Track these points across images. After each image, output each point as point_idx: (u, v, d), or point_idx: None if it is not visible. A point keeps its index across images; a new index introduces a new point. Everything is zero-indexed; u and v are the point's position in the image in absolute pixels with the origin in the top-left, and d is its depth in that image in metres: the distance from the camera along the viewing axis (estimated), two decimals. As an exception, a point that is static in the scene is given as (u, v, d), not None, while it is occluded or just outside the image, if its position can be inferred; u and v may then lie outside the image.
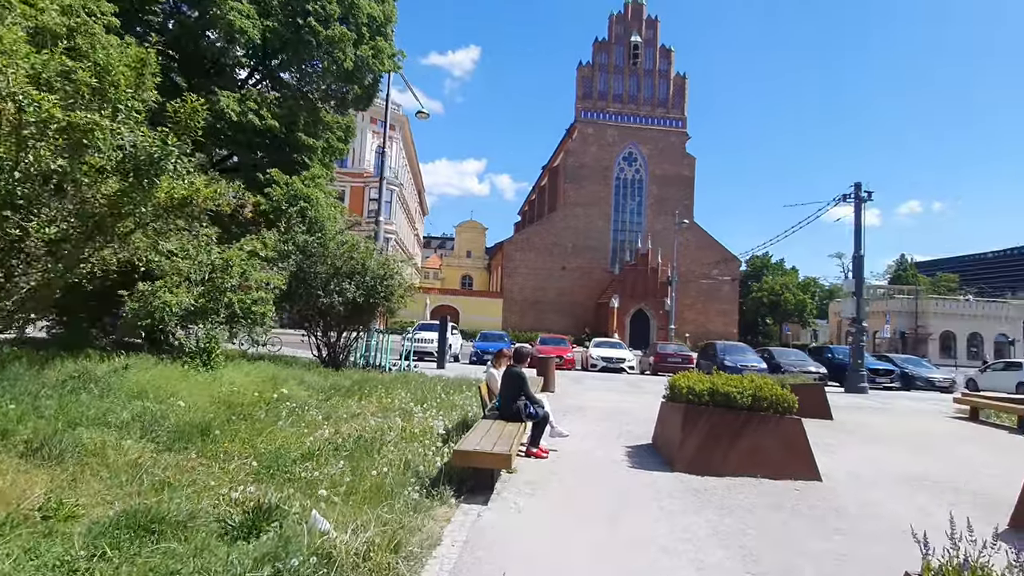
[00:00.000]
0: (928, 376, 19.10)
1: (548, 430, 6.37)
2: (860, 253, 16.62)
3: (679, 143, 53.46)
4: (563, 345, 20.60)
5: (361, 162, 44.66)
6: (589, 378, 15.98)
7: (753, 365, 18.68)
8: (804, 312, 70.75)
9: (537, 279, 50.51)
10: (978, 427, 10.32)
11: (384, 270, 11.27)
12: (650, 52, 53.84)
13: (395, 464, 4.81)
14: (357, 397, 8.27)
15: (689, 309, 50.30)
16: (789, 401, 5.69)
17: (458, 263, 68.30)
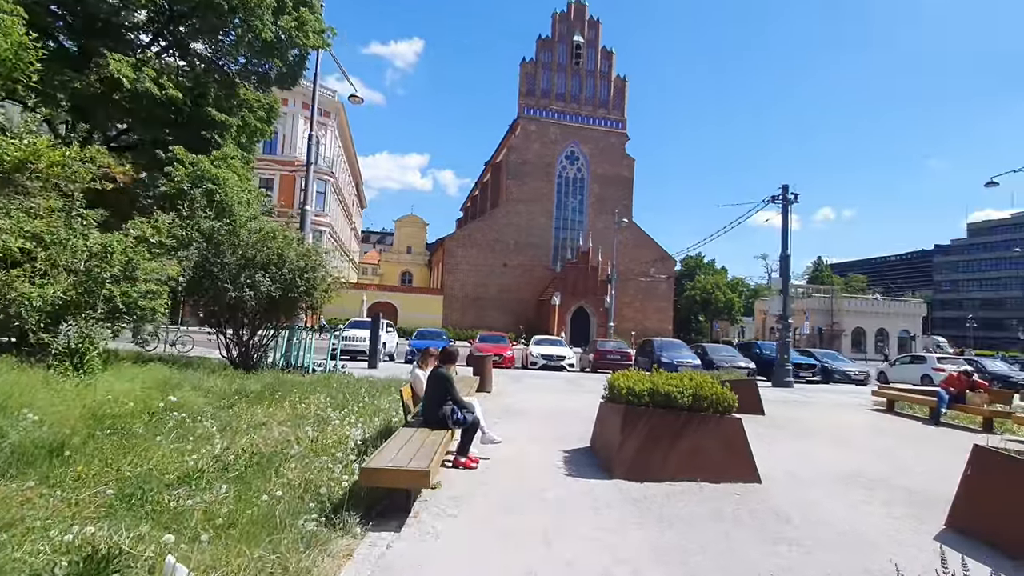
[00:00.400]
0: (845, 370, 20.10)
1: (479, 436, 5.84)
2: (787, 253, 17.17)
3: (619, 144, 54.35)
4: (503, 343, 20.16)
5: (293, 149, 42.42)
6: (529, 377, 15.60)
7: (688, 361, 18.99)
8: (732, 310, 74.15)
9: (479, 276, 49.91)
10: (895, 419, 10.70)
11: (306, 261, 10.33)
12: (592, 53, 54.38)
13: (294, 486, 4.13)
14: (266, 403, 7.42)
15: (628, 307, 51.30)
16: (729, 400, 5.44)
17: (397, 259, 66.57)
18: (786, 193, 17.07)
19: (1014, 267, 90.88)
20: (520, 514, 4.14)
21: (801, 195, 17.59)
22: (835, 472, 5.96)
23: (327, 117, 45.35)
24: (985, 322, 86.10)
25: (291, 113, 42.86)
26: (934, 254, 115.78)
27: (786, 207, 17.06)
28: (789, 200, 17.02)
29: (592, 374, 18.37)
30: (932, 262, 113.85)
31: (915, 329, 55.79)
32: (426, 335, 20.51)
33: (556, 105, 52.65)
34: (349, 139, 54.75)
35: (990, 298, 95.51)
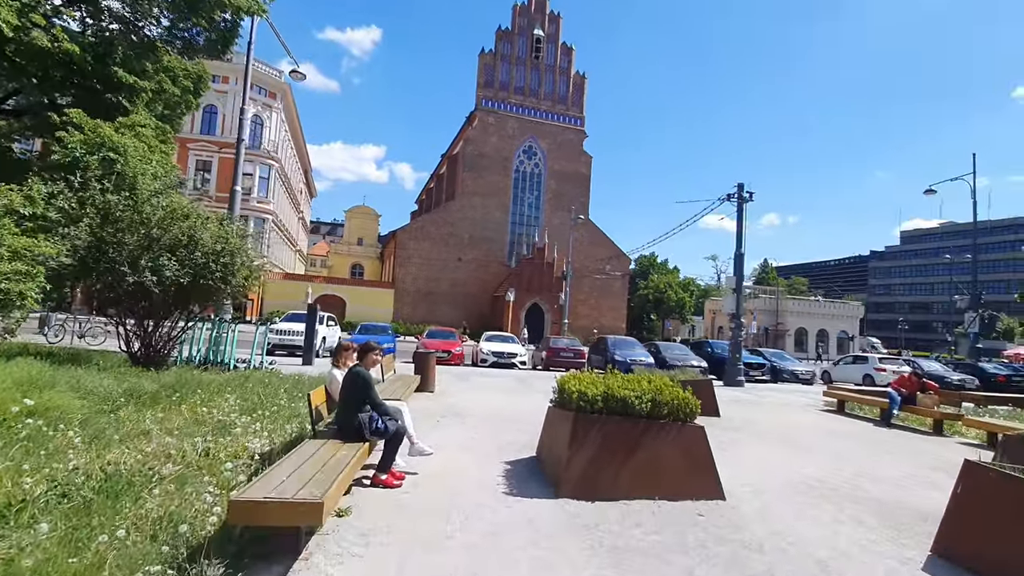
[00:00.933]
0: (792, 369, 20.31)
1: (406, 447, 5.00)
2: (741, 251, 17.06)
3: (577, 140, 54.20)
4: (451, 339, 19.26)
5: (234, 131, 39.79)
6: (477, 375, 14.79)
7: (642, 360, 18.64)
8: (684, 309, 75.79)
9: (431, 270, 48.66)
10: (846, 420, 10.53)
11: (223, 245, 9.14)
12: (552, 48, 53.94)
13: (150, 520, 3.18)
14: (160, 407, 6.33)
15: (583, 304, 51.27)
16: (691, 407, 4.81)
17: (348, 251, 64.27)
18: (741, 192, 16.94)
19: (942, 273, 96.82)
20: (443, 551, 3.34)
21: (755, 196, 17.50)
22: (799, 482, 5.46)
23: (272, 98, 43.01)
24: (914, 324, 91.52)
25: (233, 92, 40.33)
26: (869, 259, 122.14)
27: (741, 205, 16.93)
28: (744, 199, 16.89)
29: (544, 372, 17.75)
30: (868, 267, 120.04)
31: (853, 330, 58.37)
32: (370, 329, 19.37)
33: (515, 99, 51.94)
34: (297, 123, 52.27)
35: (919, 302, 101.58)
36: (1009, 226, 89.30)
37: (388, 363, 9.34)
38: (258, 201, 40.33)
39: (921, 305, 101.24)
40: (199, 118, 39.79)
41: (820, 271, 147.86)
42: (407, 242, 48.44)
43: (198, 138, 39.56)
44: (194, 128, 39.73)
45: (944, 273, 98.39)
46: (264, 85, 42.37)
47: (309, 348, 14.35)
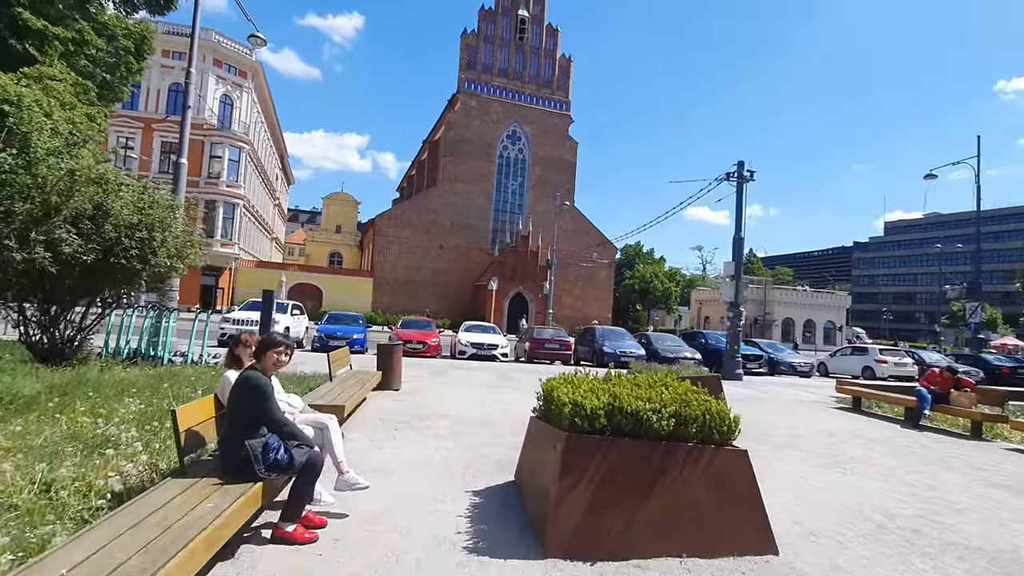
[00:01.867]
0: (790, 361, 19.25)
1: (329, 481, 3.58)
2: (740, 235, 15.84)
3: (563, 126, 52.68)
4: (428, 329, 17.80)
5: (201, 111, 37.59)
6: (454, 368, 13.37)
7: (632, 351, 17.43)
8: (670, 299, 75.08)
9: (412, 258, 46.99)
10: (869, 421, 9.33)
11: (141, 216, 7.57)
12: (537, 29, 52.18)
13: None
14: (35, 415, 4.86)
15: (568, 294, 50.06)
16: (728, 422, 3.45)
17: (326, 239, 62.18)
18: (741, 170, 15.68)
19: (926, 264, 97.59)
20: None
21: (755, 175, 16.23)
22: (861, 517, 4.16)
23: (243, 77, 40.74)
24: (898, 315, 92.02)
25: (200, 69, 37.92)
26: (853, 250, 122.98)
27: (741, 185, 15.68)
28: (744, 178, 15.64)
29: (527, 365, 16.39)
30: (851, 258, 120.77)
31: (839, 320, 58.09)
32: (339, 319, 17.79)
33: (498, 81, 50.19)
34: (271, 105, 49.97)
35: (903, 292, 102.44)
36: (996, 216, 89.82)
37: (342, 357, 7.90)
38: (228, 185, 38.22)
39: (904, 296, 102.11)
40: (164, 98, 37.45)
41: (804, 262, 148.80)
42: (386, 229, 46.66)
43: (163, 119, 37.25)
44: (159, 108, 37.45)
45: (928, 264, 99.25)
46: (234, 63, 40.10)
47: (265, 340, 12.79)
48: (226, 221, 38.54)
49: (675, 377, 4.33)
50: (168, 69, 36.84)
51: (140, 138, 36.59)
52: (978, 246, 21.88)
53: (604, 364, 17.17)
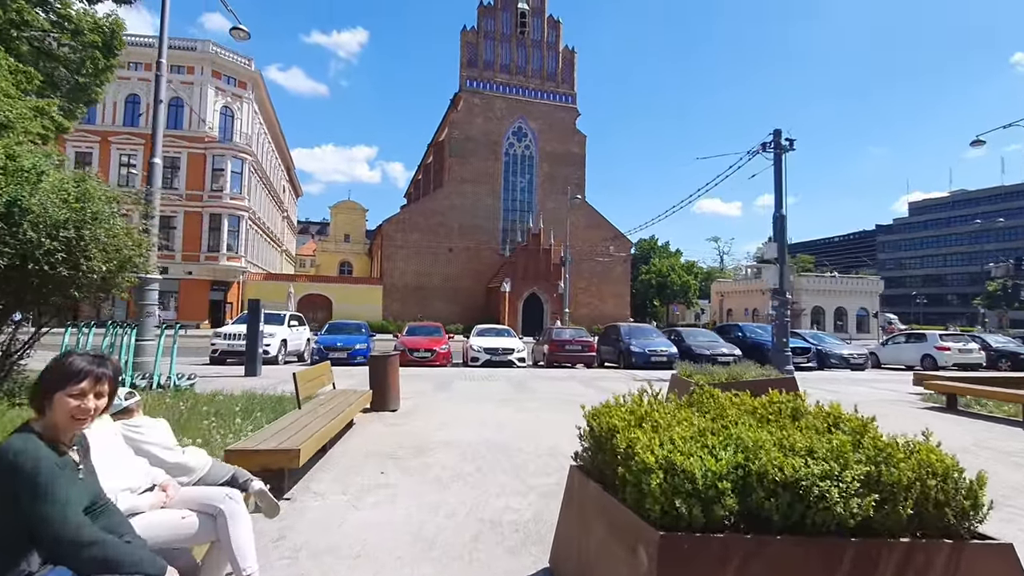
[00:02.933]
0: (841, 353, 17.32)
1: None
2: (782, 212, 14.02)
3: (569, 119, 51.00)
4: (436, 335, 16.22)
5: (202, 124, 36.65)
6: (463, 379, 11.74)
7: (663, 350, 15.72)
8: (689, 293, 72.80)
9: (421, 263, 45.59)
10: (984, 425, 7.50)
11: (69, 212, 6.09)
12: (538, 22, 50.63)
13: None
14: None
15: (583, 292, 48.31)
16: (967, 489, 1.78)
17: (335, 248, 61.14)
18: (779, 139, 13.89)
19: (956, 243, 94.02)
20: None
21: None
22: None
23: (243, 88, 39.71)
24: (929, 298, 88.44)
25: (199, 83, 37.11)
26: (876, 234, 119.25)
27: (779, 155, 13.89)
28: (783, 147, 13.84)
29: (547, 371, 14.72)
30: (875, 241, 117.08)
31: (873, 307, 55.45)
32: (341, 328, 16.26)
33: (501, 77, 48.70)
34: (274, 117, 49.02)
35: (932, 274, 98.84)
36: None
37: (319, 376, 6.31)
38: (231, 197, 37.14)
39: (934, 278, 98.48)
40: (121, 110, 36.37)
41: (825, 248, 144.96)
42: (394, 234, 45.33)
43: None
44: (116, 120, 36.44)
45: (957, 243, 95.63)
46: (232, 74, 39.07)
47: (252, 355, 11.32)
48: (231, 234, 37.45)
49: (869, 422, 2.68)
50: (125, 80, 35.70)
51: (98, 152, 35.39)
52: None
53: (632, 365, 15.47)
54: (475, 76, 47.67)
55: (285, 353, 14.95)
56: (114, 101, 35.72)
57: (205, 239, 36.35)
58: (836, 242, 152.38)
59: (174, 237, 36.08)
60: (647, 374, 13.80)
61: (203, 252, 36.13)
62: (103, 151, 35.67)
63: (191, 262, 36.08)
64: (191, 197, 36.33)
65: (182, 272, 35.94)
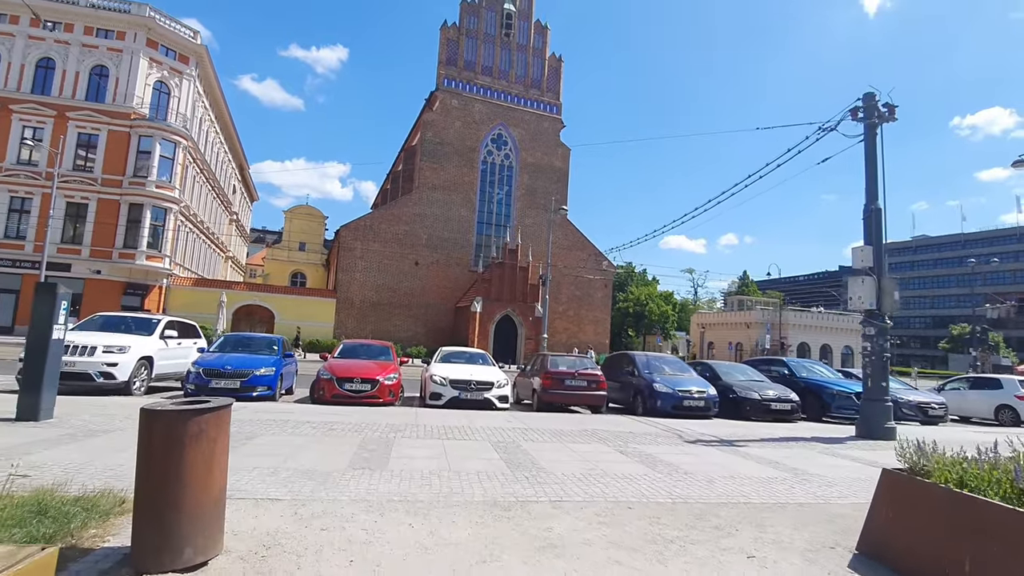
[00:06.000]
0: (916, 401, 13.30)
1: None
2: (877, 204, 10.06)
3: (553, 130, 47.53)
4: (383, 359, 11.42)
5: (128, 98, 31.30)
6: (412, 436, 6.94)
7: (699, 391, 11.38)
8: (667, 324, 69.72)
9: (383, 276, 40.62)
10: None
11: None
12: (524, 26, 47.46)
13: None
14: None
15: (560, 317, 44.11)
16: None
17: (288, 257, 55.39)
18: (873, 105, 10.01)
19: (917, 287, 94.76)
20: None
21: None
22: None
23: (184, 63, 34.55)
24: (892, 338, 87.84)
25: (129, 50, 31.77)
26: (841, 274, 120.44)
27: (873, 128, 9.99)
28: (881, 116, 9.95)
29: (543, 417, 10.11)
30: (840, 282, 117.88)
31: (857, 345, 53.02)
32: (241, 344, 11.24)
33: (482, 79, 44.99)
34: (223, 104, 43.76)
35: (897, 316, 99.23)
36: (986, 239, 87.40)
37: None
38: (157, 185, 31.53)
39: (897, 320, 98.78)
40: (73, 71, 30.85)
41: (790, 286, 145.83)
42: (352, 243, 40.31)
43: (80, 105, 30.77)
44: (76, 93, 30.92)
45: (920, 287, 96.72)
46: (172, 46, 33.91)
47: (33, 382, 6.32)
48: (154, 229, 31.69)
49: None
50: (37, 41, 30.43)
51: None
52: None
53: (655, 411, 11.05)
54: (454, 75, 43.80)
55: (149, 377, 9.93)
56: (22, 64, 30.14)
57: (121, 233, 30.57)
58: (802, 281, 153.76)
59: (83, 229, 30.28)
60: (683, 425, 9.39)
61: (117, 248, 30.31)
62: (59, 125, 29.91)
63: (101, 259, 30.21)
64: (108, 182, 30.65)
65: (89, 271, 30.03)
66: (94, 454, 4.74)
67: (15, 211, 29.57)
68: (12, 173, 29.42)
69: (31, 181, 29.53)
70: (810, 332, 51.06)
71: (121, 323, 10.40)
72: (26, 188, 29.61)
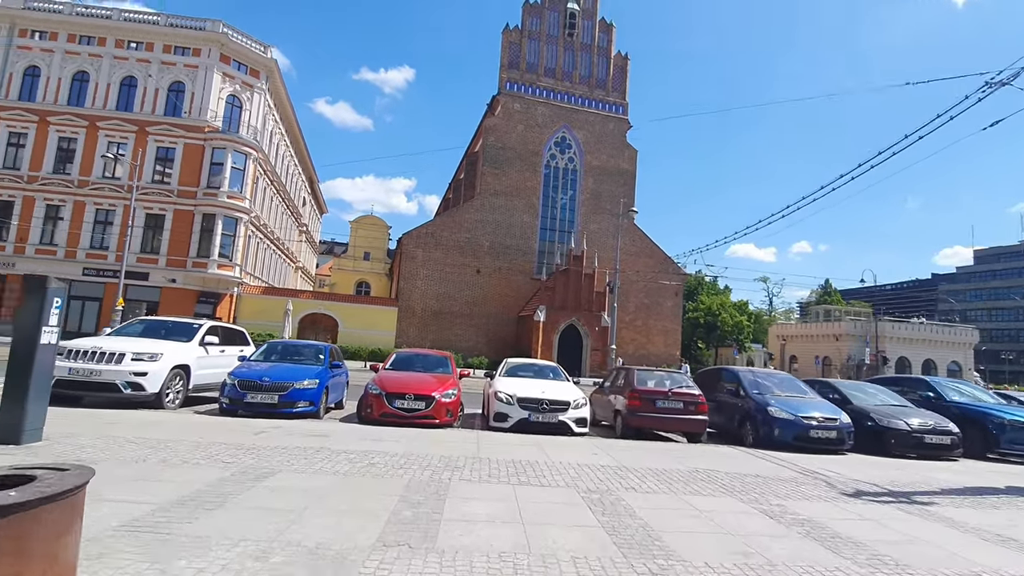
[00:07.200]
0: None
1: None
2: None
3: (619, 131, 45.36)
4: (441, 371, 9.93)
5: (203, 112, 32.24)
6: (470, 479, 5.22)
7: (829, 418, 9.12)
8: (741, 335, 65.21)
9: (444, 284, 39.79)
10: None
11: None
12: (588, 25, 45.77)
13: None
14: None
15: (627, 327, 41.57)
16: None
17: (353, 267, 56.07)
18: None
19: None
20: None
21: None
22: None
23: (255, 77, 35.39)
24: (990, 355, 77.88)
25: (204, 66, 32.80)
26: (937, 283, 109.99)
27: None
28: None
29: (633, 447, 8.23)
30: (936, 291, 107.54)
31: (966, 361, 46.92)
32: (286, 352, 10.07)
33: (544, 82, 43.59)
34: (293, 118, 44.85)
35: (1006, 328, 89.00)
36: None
37: None
38: (229, 195, 32.20)
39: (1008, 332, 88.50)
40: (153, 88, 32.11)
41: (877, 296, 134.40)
42: (414, 250, 39.77)
43: (158, 120, 31.98)
44: (156, 109, 32.20)
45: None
46: (244, 60, 34.84)
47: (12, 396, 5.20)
48: (226, 238, 32.32)
49: None
50: (72, 56, 31.91)
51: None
52: None
53: (769, 441, 8.91)
54: (516, 79, 42.69)
55: (186, 389, 8.91)
56: (108, 83, 31.74)
57: (195, 242, 31.33)
58: (888, 290, 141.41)
59: (160, 239, 31.27)
60: (817, 464, 7.25)
61: (191, 257, 31.06)
62: (139, 139, 31.44)
63: (176, 268, 31.02)
64: (183, 193, 31.57)
65: (164, 279, 30.90)
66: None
67: (100, 223, 30.93)
68: (98, 187, 30.84)
69: (113, 194, 30.82)
70: (910, 345, 45.62)
71: (161, 328, 9.51)
72: (109, 201, 30.94)
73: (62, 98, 31.35)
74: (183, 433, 6.06)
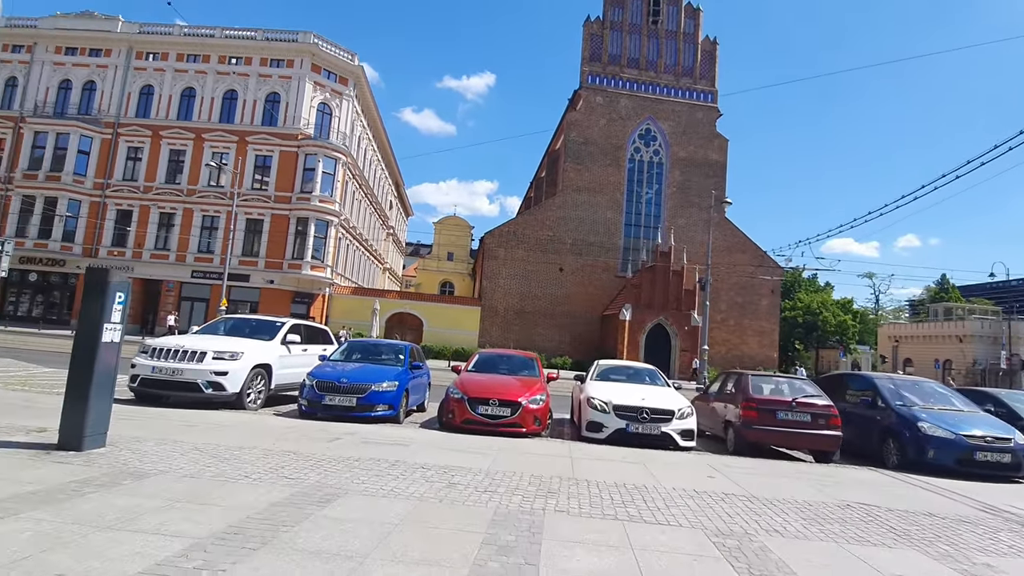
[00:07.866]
0: None
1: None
2: None
3: (707, 120, 42.62)
4: (527, 374, 9.16)
5: (296, 121, 33.84)
6: (564, 505, 4.39)
7: (998, 437, 7.36)
8: (846, 335, 59.27)
9: (526, 283, 39.22)
10: None
11: None
12: (674, 11, 43.36)
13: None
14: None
15: (719, 327, 38.82)
16: None
17: (437, 267, 57.07)
18: None
19: None
20: None
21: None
22: None
23: (344, 84, 36.68)
24: None
25: (296, 76, 34.45)
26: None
27: None
28: None
29: (758, 469, 7.00)
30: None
31: None
32: (367, 352, 9.70)
33: (627, 73, 41.82)
34: (379, 122, 46.20)
35: None
36: None
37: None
38: (320, 200, 33.57)
39: None
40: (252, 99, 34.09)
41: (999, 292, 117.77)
42: (496, 249, 39.54)
43: (256, 130, 33.98)
44: (254, 120, 34.24)
45: None
46: (333, 69, 36.24)
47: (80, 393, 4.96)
48: (318, 241, 33.74)
49: None
50: (181, 73, 34.26)
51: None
52: None
53: (921, 463, 7.31)
54: (598, 71, 41.29)
55: (268, 388, 8.77)
56: (212, 97, 34.15)
57: (290, 245, 32.94)
58: (1013, 285, 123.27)
59: (259, 242, 33.18)
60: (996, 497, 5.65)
61: (287, 259, 32.67)
62: (240, 149, 33.89)
63: (274, 270, 32.76)
64: (279, 199, 33.30)
65: (263, 281, 32.71)
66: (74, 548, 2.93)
67: (206, 228, 33.32)
68: (204, 195, 33.23)
69: (218, 201, 33.04)
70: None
71: (245, 326, 9.49)
72: (214, 208, 33.23)
73: (172, 113, 34.08)
74: (255, 439, 5.70)
